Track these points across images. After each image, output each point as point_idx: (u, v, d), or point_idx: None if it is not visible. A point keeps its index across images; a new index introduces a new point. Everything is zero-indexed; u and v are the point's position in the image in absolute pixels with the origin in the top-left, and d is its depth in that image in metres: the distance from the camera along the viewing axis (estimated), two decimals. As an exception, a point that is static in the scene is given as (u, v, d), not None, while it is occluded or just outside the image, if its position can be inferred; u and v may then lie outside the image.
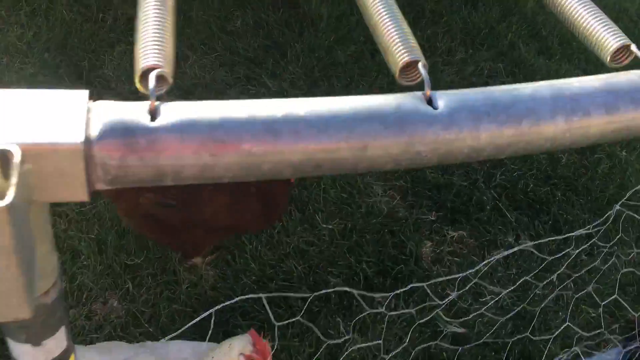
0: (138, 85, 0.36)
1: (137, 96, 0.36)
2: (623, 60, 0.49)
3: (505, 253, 1.81)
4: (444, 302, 1.53)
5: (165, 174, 0.34)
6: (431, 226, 1.98)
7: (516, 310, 1.73)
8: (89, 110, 0.33)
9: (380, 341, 1.51)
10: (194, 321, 1.21)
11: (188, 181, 0.35)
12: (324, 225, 1.88)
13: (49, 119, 0.32)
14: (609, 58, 0.48)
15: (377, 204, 1.98)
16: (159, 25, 0.39)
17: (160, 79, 0.35)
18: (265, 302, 1.16)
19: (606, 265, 1.96)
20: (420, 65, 0.45)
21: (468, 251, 1.95)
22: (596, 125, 0.43)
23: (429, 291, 1.37)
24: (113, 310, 1.62)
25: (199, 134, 0.34)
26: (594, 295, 1.84)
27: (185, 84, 2.21)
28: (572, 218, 2.09)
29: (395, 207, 2.01)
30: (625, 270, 1.94)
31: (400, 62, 0.45)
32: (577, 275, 1.95)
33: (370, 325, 1.68)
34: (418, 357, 1.70)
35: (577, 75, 0.46)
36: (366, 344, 1.59)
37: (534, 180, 2.17)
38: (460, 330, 1.76)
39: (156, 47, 0.37)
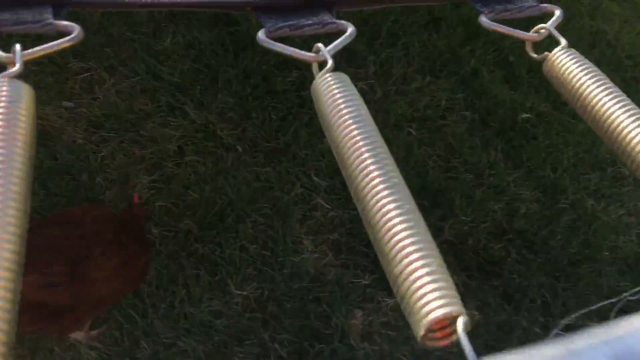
0: None
1: None
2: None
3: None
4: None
5: None
6: (364, 291, 1.72)
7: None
8: None
9: None
10: None
11: None
12: (237, 292, 1.62)
13: None
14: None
15: (304, 264, 1.72)
16: None
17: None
18: None
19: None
20: (460, 323, 0.35)
21: (404, 323, 1.70)
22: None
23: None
24: None
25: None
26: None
27: (94, 114, 1.93)
28: (526, 282, 1.84)
29: (325, 266, 1.75)
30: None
31: (432, 317, 0.35)
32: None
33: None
34: None
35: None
36: None
37: (487, 235, 1.92)
38: None
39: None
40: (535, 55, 0.55)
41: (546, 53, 0.53)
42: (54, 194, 1.71)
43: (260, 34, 0.52)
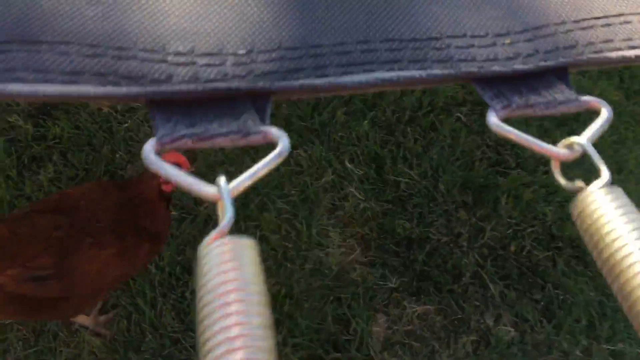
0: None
1: None
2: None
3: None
4: None
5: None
6: (390, 295, 1.60)
7: None
8: None
9: None
10: None
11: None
12: (253, 286, 1.52)
13: None
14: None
15: (328, 260, 1.61)
16: None
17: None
18: None
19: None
20: None
21: (431, 333, 1.57)
22: None
23: None
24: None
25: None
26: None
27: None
28: (572, 298, 1.67)
29: (350, 264, 1.63)
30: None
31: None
32: (564, 377, 1.56)
33: None
34: None
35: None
36: None
37: (533, 240, 1.75)
38: None
39: None
40: (563, 181, 0.37)
41: (580, 185, 0.36)
42: (72, 165, 1.64)
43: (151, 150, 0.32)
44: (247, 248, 0.29)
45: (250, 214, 1.62)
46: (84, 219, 1.15)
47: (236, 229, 1.54)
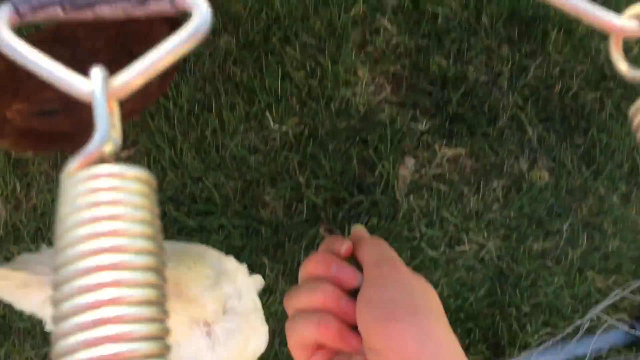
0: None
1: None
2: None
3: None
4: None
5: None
6: (419, 138, 1.51)
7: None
8: None
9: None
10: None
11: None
12: (276, 127, 1.46)
13: None
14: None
15: (355, 100, 1.51)
16: None
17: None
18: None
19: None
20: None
21: (461, 177, 1.51)
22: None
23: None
24: (-5, 214, 1.35)
25: None
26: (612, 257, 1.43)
27: None
28: (616, 143, 1.56)
29: (379, 104, 1.53)
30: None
31: None
32: (597, 224, 1.51)
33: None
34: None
35: None
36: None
37: (581, 80, 1.60)
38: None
39: None
40: (623, 66, 0.24)
41: None
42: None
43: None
44: (130, 188, 0.20)
45: (272, 49, 1.50)
46: (85, 50, 1.07)
47: (256, 65, 1.44)
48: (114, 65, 0.78)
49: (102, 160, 0.20)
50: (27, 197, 1.36)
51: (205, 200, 1.39)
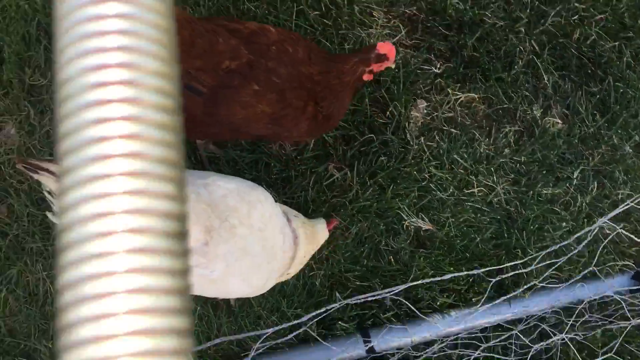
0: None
1: None
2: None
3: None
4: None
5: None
6: (433, 80, 1.50)
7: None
8: None
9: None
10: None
11: None
12: (288, 63, 1.45)
13: None
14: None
15: (369, 41, 1.50)
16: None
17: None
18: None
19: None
20: None
21: (473, 121, 1.50)
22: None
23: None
24: (9, 138, 1.37)
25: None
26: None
27: None
28: (631, 93, 1.54)
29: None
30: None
31: None
32: (609, 172, 1.51)
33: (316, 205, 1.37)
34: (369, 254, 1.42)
35: None
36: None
37: (600, 29, 1.57)
38: (426, 227, 1.42)
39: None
40: None
41: None
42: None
43: None
44: None
45: (287, -14, 1.49)
46: (265, 66, 1.06)
47: (271, 1, 1.43)
48: (289, 94, 0.81)
49: None
50: (40, 124, 1.37)
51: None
